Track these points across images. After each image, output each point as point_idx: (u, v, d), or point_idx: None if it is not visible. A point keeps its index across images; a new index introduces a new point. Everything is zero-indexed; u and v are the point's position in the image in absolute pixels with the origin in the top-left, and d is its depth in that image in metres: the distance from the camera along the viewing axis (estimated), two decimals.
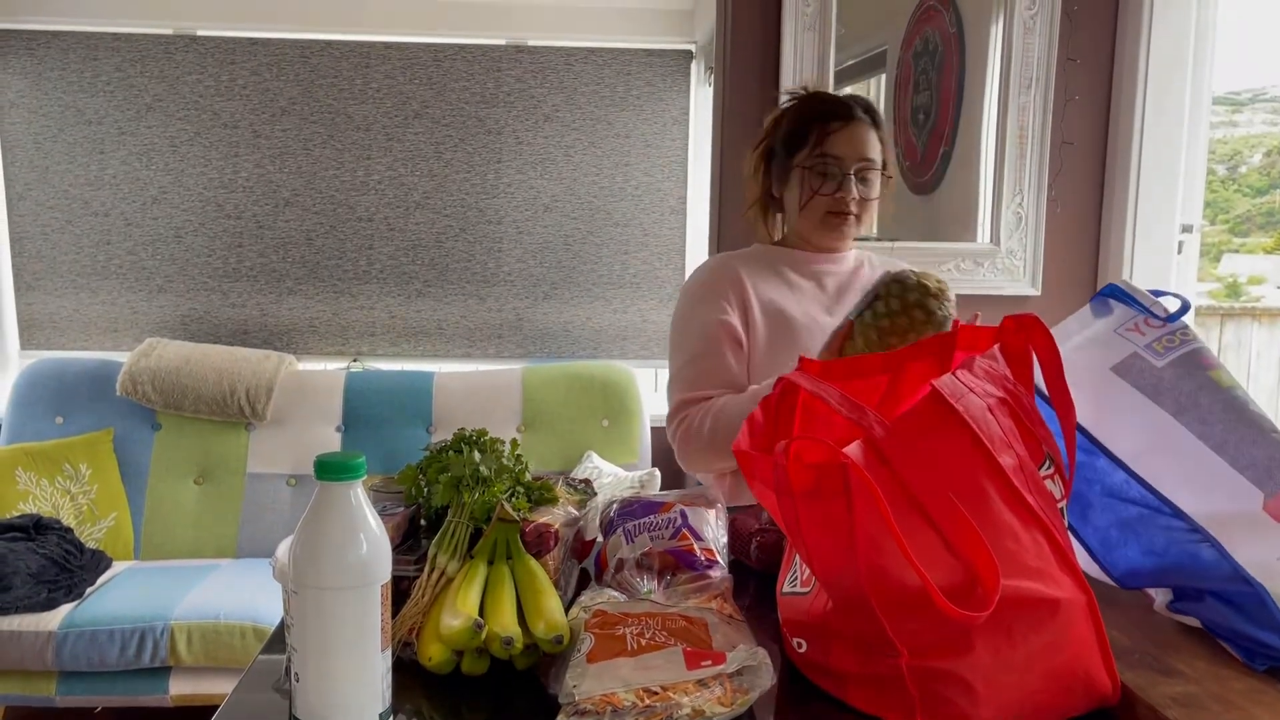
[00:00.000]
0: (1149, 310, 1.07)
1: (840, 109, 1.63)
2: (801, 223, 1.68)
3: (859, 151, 1.62)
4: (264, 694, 0.92)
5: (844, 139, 1.61)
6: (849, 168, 1.61)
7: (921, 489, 0.82)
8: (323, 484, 0.78)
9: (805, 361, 1.06)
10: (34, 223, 3.27)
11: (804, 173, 1.63)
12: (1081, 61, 2.49)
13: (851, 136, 1.62)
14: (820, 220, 1.65)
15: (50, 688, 2.51)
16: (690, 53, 3.30)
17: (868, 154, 1.62)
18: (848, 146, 1.61)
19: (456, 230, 3.35)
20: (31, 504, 2.83)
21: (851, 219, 1.64)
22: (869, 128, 1.63)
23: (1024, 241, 2.52)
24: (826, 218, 1.64)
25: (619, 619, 0.93)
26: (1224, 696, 0.82)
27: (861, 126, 1.63)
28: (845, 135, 1.62)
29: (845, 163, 1.61)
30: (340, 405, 3.12)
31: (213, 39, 3.24)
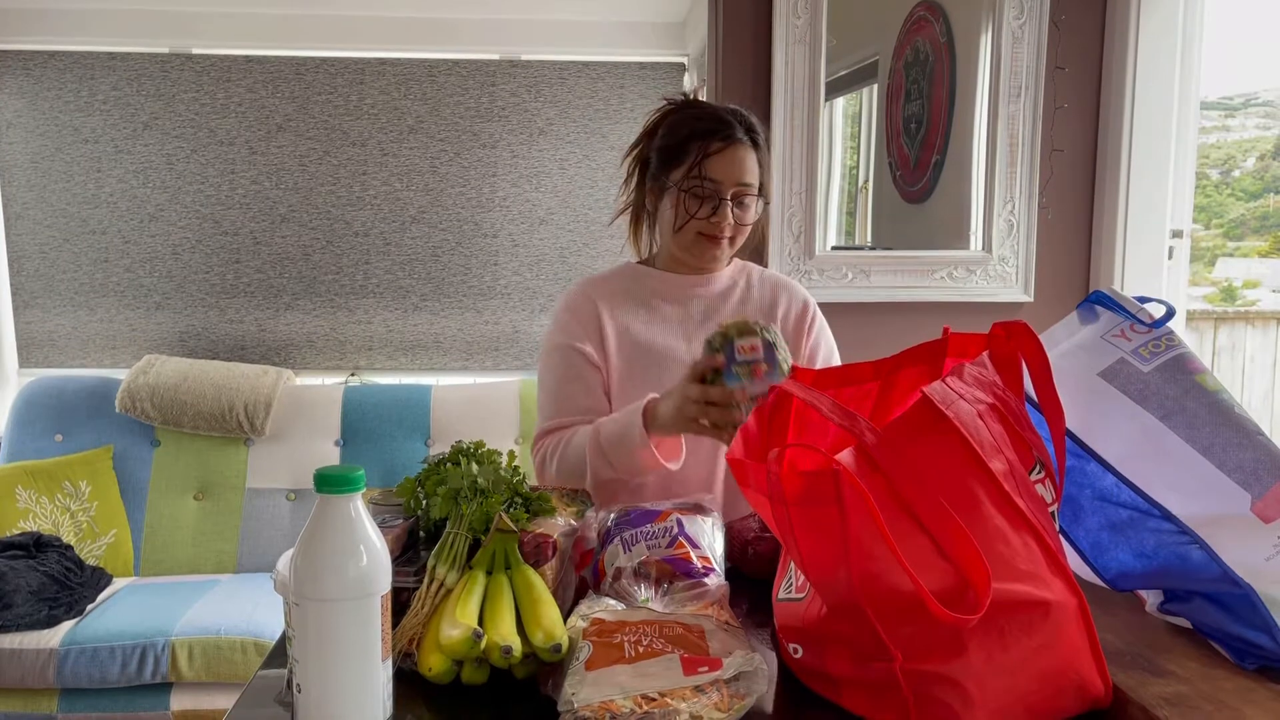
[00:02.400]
0: (1134, 317, 1.09)
1: (722, 128, 1.55)
2: (674, 242, 1.61)
3: (736, 176, 1.54)
4: (265, 708, 0.93)
5: (723, 162, 1.54)
6: (726, 192, 1.54)
7: (913, 495, 0.83)
8: (323, 497, 0.79)
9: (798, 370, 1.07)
10: (32, 241, 3.28)
11: (679, 194, 1.56)
12: (1070, 70, 2.51)
13: (731, 159, 1.54)
14: (692, 242, 1.58)
15: (52, 705, 2.51)
16: (683, 65, 3.32)
17: (745, 178, 1.55)
18: (726, 170, 1.54)
19: (453, 244, 3.36)
20: (32, 522, 2.83)
21: (724, 243, 1.58)
22: (749, 149, 1.56)
23: (1016, 248, 2.54)
24: (698, 239, 1.57)
25: (616, 627, 0.94)
26: (1215, 696, 0.84)
27: (742, 149, 1.55)
28: (725, 158, 1.54)
29: (723, 187, 1.54)
30: (338, 419, 3.13)
31: (208, 57, 3.26)
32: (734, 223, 1.56)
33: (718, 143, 1.54)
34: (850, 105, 2.69)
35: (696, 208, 1.55)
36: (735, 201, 1.55)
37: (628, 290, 1.66)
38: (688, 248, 1.60)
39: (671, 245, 1.62)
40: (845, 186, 2.73)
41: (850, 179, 2.73)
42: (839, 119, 2.65)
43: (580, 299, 1.65)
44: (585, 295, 1.65)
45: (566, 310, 1.65)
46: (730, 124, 1.56)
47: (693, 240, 1.58)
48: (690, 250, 1.60)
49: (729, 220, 1.55)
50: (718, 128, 1.55)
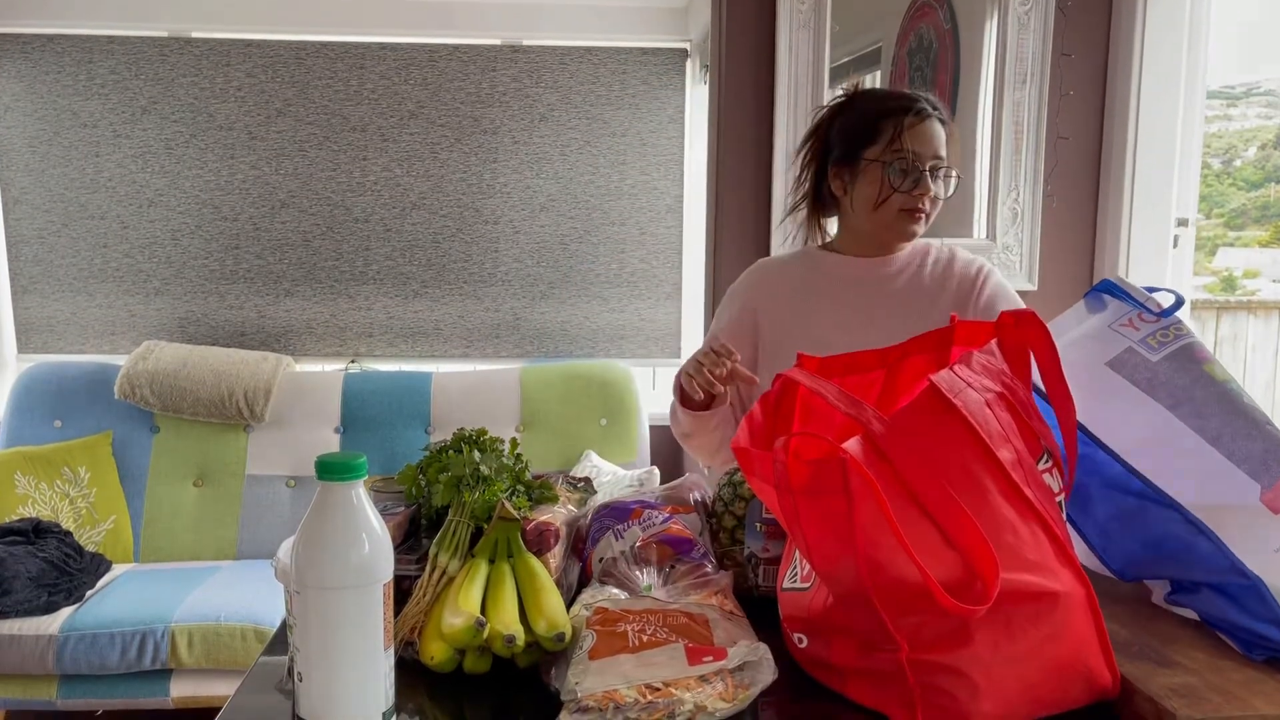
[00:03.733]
0: (1142, 306, 1.08)
1: (914, 104, 1.58)
2: (872, 220, 1.61)
3: (934, 149, 1.56)
4: (267, 695, 0.92)
5: (921, 134, 1.56)
6: (925, 164, 1.56)
7: (920, 484, 0.83)
8: (324, 484, 0.79)
9: (803, 358, 1.06)
10: (30, 226, 3.27)
11: (881, 168, 1.56)
12: (1076, 56, 2.49)
13: (927, 133, 1.56)
14: (894, 218, 1.59)
15: (51, 691, 2.51)
16: (685, 51, 3.30)
17: (941, 151, 1.57)
18: (924, 142, 1.56)
19: (453, 230, 3.35)
20: (31, 508, 2.83)
21: (923, 218, 1.59)
22: (940, 124, 1.58)
23: (1020, 236, 2.53)
24: (900, 216, 1.58)
25: (620, 616, 0.93)
26: (1223, 687, 0.83)
27: (934, 123, 1.57)
28: (921, 131, 1.56)
29: (922, 159, 1.55)
30: (339, 406, 3.12)
31: (207, 41, 3.23)
32: (934, 195, 1.58)
33: (912, 117, 1.56)
34: None
35: (900, 181, 1.56)
36: (933, 174, 1.57)
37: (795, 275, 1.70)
38: (889, 224, 1.60)
39: (869, 224, 1.63)
40: None
41: None
42: None
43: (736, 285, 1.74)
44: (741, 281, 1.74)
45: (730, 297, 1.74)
46: (920, 100, 1.59)
47: (895, 216, 1.59)
48: (892, 227, 1.61)
49: (931, 192, 1.57)
50: (909, 104, 1.58)
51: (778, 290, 1.69)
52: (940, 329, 1.06)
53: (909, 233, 1.61)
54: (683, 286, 3.39)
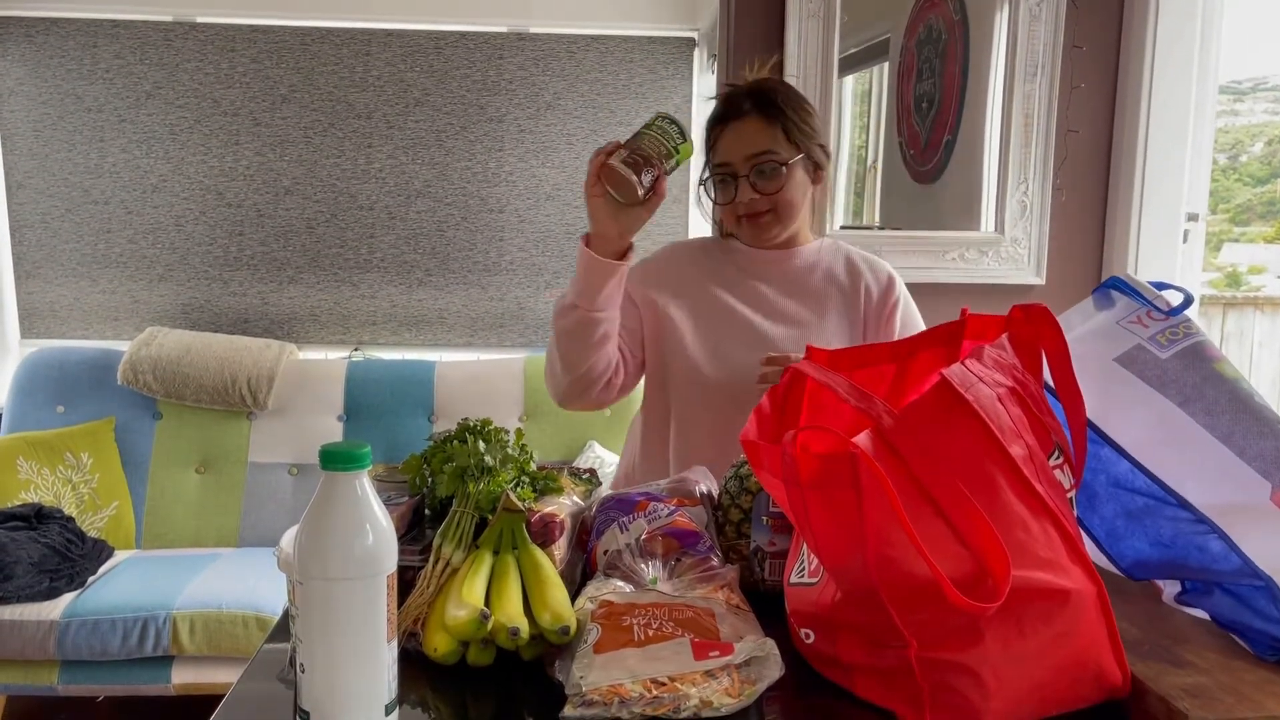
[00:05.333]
0: (1151, 303, 1.06)
1: (727, 109, 1.54)
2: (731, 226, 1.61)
3: (745, 149, 1.51)
4: (269, 684, 0.92)
5: (730, 140, 1.53)
6: (742, 169, 1.51)
7: (931, 479, 0.82)
8: (328, 474, 0.78)
9: (812, 350, 1.05)
10: (34, 211, 3.26)
11: (709, 185, 1.58)
12: (1087, 49, 2.47)
13: (737, 135, 1.52)
14: (737, 226, 1.58)
15: (52, 677, 2.51)
16: (693, 40, 3.28)
17: (754, 149, 1.51)
18: (733, 147, 1.52)
19: (458, 219, 3.34)
20: (33, 493, 2.82)
21: (764, 218, 1.54)
22: (758, 119, 1.52)
23: (1028, 230, 2.51)
24: (741, 223, 1.56)
25: (626, 609, 0.92)
26: (1235, 688, 0.82)
27: (747, 122, 1.52)
28: (731, 136, 1.53)
29: (735, 166, 1.52)
30: (342, 394, 3.11)
31: (212, 26, 3.22)
32: (762, 195, 1.52)
33: (719, 127, 1.55)
34: (859, 84, 2.65)
35: (720, 194, 1.55)
36: (757, 173, 1.51)
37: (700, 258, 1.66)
38: (740, 232, 1.60)
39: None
40: (853, 166, 2.70)
41: (858, 159, 2.70)
42: (848, 98, 2.62)
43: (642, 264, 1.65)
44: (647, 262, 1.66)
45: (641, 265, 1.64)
46: (735, 100, 1.54)
47: (737, 224, 1.58)
48: (742, 234, 1.60)
49: (746, 198, 1.52)
50: (723, 109, 1.55)
51: (683, 270, 1.65)
52: (951, 322, 1.05)
53: (760, 238, 1.59)
54: None
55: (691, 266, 1.66)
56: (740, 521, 1.14)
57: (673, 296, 1.62)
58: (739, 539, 1.13)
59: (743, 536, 1.13)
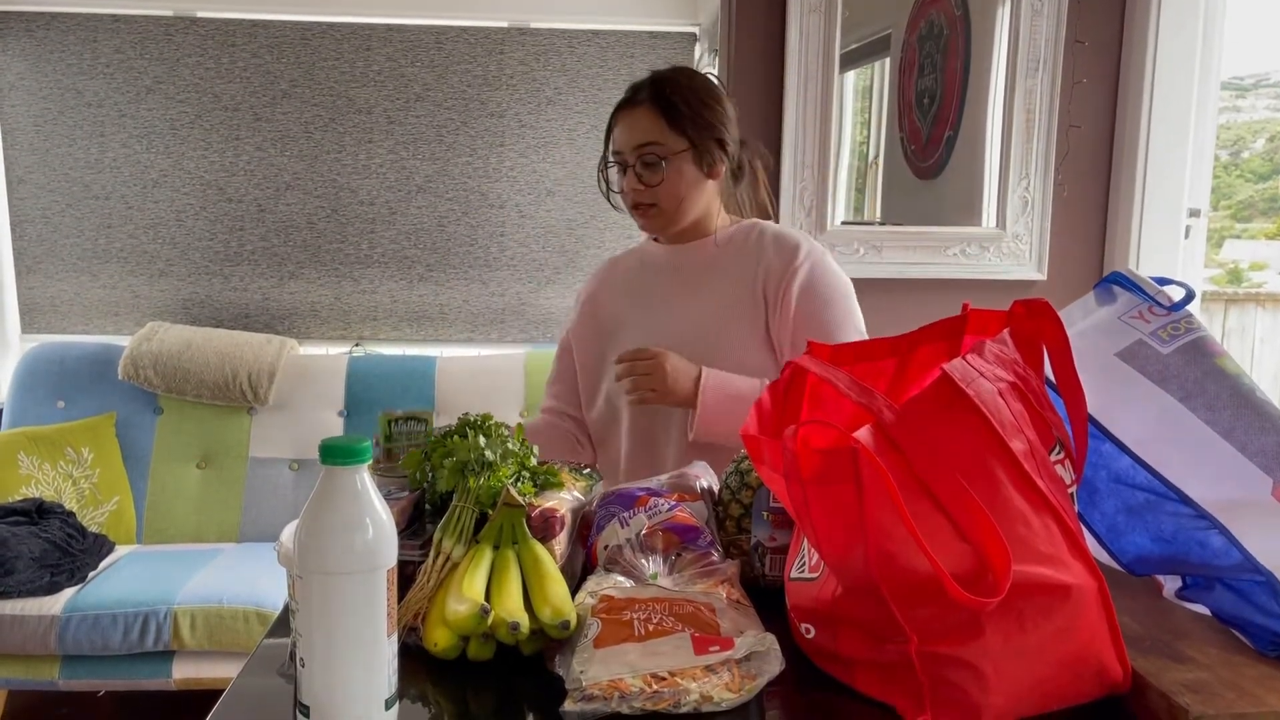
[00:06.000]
0: (1153, 299, 1.06)
1: (624, 97, 1.55)
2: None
3: (630, 139, 1.52)
4: (269, 679, 0.91)
5: (622, 130, 1.54)
6: (630, 159, 1.53)
7: (932, 474, 0.81)
8: (328, 468, 0.78)
9: (813, 345, 1.05)
10: (34, 206, 3.26)
11: (605, 173, 1.60)
12: (1090, 44, 2.47)
13: (629, 125, 1.53)
14: (633, 216, 1.59)
15: (53, 671, 2.51)
16: (694, 35, 3.28)
17: (639, 139, 1.51)
18: (624, 136, 1.53)
19: (459, 214, 3.34)
20: (34, 488, 2.82)
21: (650, 209, 1.55)
22: (649, 109, 1.51)
23: (1030, 226, 2.51)
24: (633, 212, 1.58)
25: (626, 604, 0.92)
26: (1236, 683, 0.82)
27: (639, 111, 1.52)
28: (623, 125, 1.54)
29: (625, 155, 1.54)
30: (342, 389, 3.11)
31: (213, 21, 3.21)
32: (644, 186, 1.53)
33: (615, 114, 1.55)
34: (861, 79, 2.65)
35: (610, 183, 1.58)
36: (642, 163, 1.52)
37: (630, 268, 1.71)
38: (636, 220, 1.61)
39: None
40: (854, 162, 2.70)
41: (859, 154, 2.69)
42: (849, 93, 2.61)
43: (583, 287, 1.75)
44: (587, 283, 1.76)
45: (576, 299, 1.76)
46: (636, 88, 1.55)
47: (632, 214, 1.59)
48: (639, 222, 1.61)
49: (630, 186, 1.54)
50: (625, 96, 1.56)
51: (616, 285, 1.70)
52: (952, 317, 1.05)
53: (650, 228, 1.61)
54: None
55: (623, 277, 1.70)
56: (741, 516, 1.13)
57: (600, 314, 1.68)
58: (739, 534, 1.13)
59: (743, 531, 1.13)
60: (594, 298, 1.70)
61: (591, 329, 1.67)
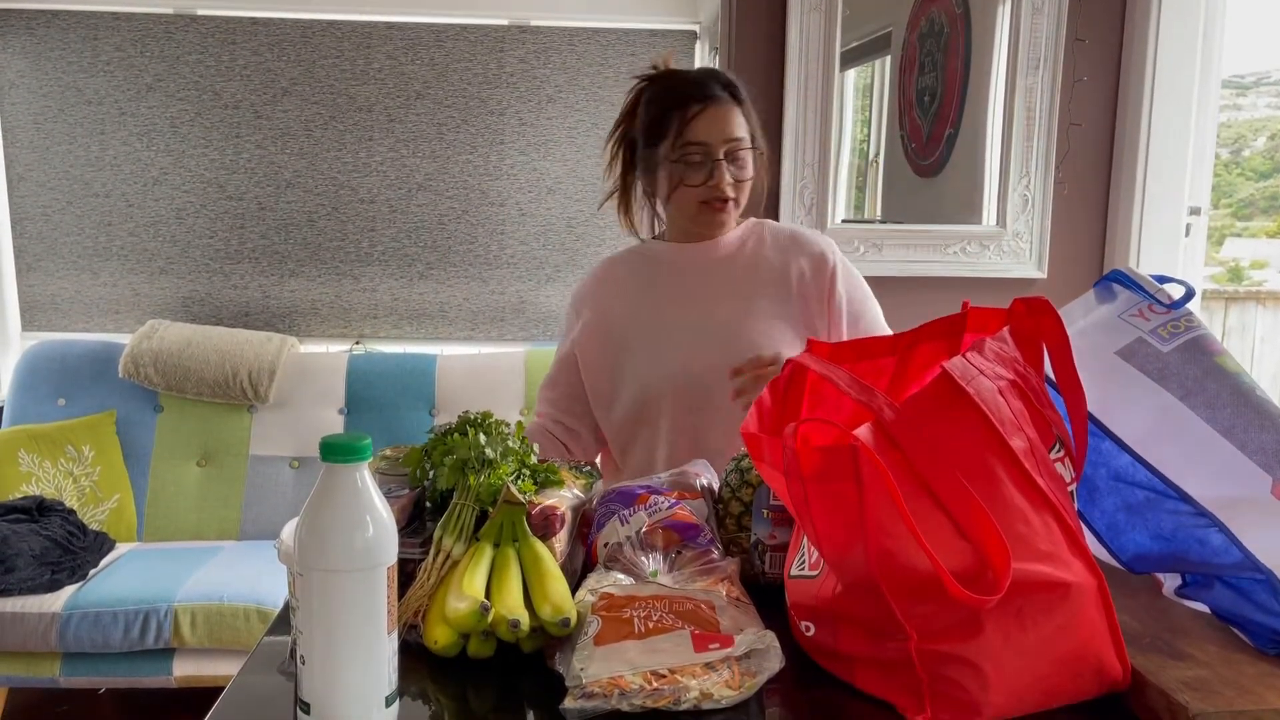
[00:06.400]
0: (1153, 297, 1.06)
1: (697, 90, 1.53)
2: (678, 215, 1.60)
3: (724, 133, 1.51)
4: (269, 676, 0.92)
5: (706, 122, 1.51)
6: (717, 152, 1.51)
7: (932, 472, 0.82)
8: (329, 466, 0.78)
9: (813, 343, 1.05)
10: (35, 204, 3.26)
11: (670, 166, 1.54)
12: (1090, 42, 2.47)
13: (714, 118, 1.51)
14: (697, 211, 1.56)
15: (54, 669, 2.51)
16: (695, 33, 3.28)
17: (733, 133, 1.52)
18: (711, 130, 1.51)
19: (459, 212, 3.34)
20: (34, 486, 2.83)
21: (729, 205, 1.55)
22: (731, 105, 1.53)
23: (1030, 224, 2.51)
24: (702, 208, 1.55)
25: (626, 602, 0.92)
26: (1236, 681, 0.82)
27: (723, 105, 1.52)
28: (707, 118, 1.51)
29: (712, 148, 1.51)
30: (343, 387, 3.11)
31: (213, 19, 3.21)
32: (734, 181, 1.53)
33: (695, 105, 1.51)
34: (861, 78, 2.65)
35: (692, 176, 1.53)
36: (730, 159, 1.52)
37: (635, 270, 1.67)
38: (693, 218, 1.58)
39: (679, 217, 1.61)
40: (854, 160, 2.70)
41: (860, 153, 2.69)
42: (849, 91, 2.61)
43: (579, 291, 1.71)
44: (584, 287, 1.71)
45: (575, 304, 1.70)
46: (705, 84, 1.54)
47: (697, 210, 1.56)
48: (696, 220, 1.58)
49: (727, 180, 1.52)
50: (693, 91, 1.53)
51: (622, 288, 1.66)
52: (952, 315, 1.05)
53: (715, 223, 1.58)
54: None
55: (627, 279, 1.67)
56: (741, 514, 1.14)
57: (610, 318, 1.64)
58: (739, 532, 1.13)
59: (743, 529, 1.13)
60: (597, 303, 1.67)
61: (600, 334, 1.64)
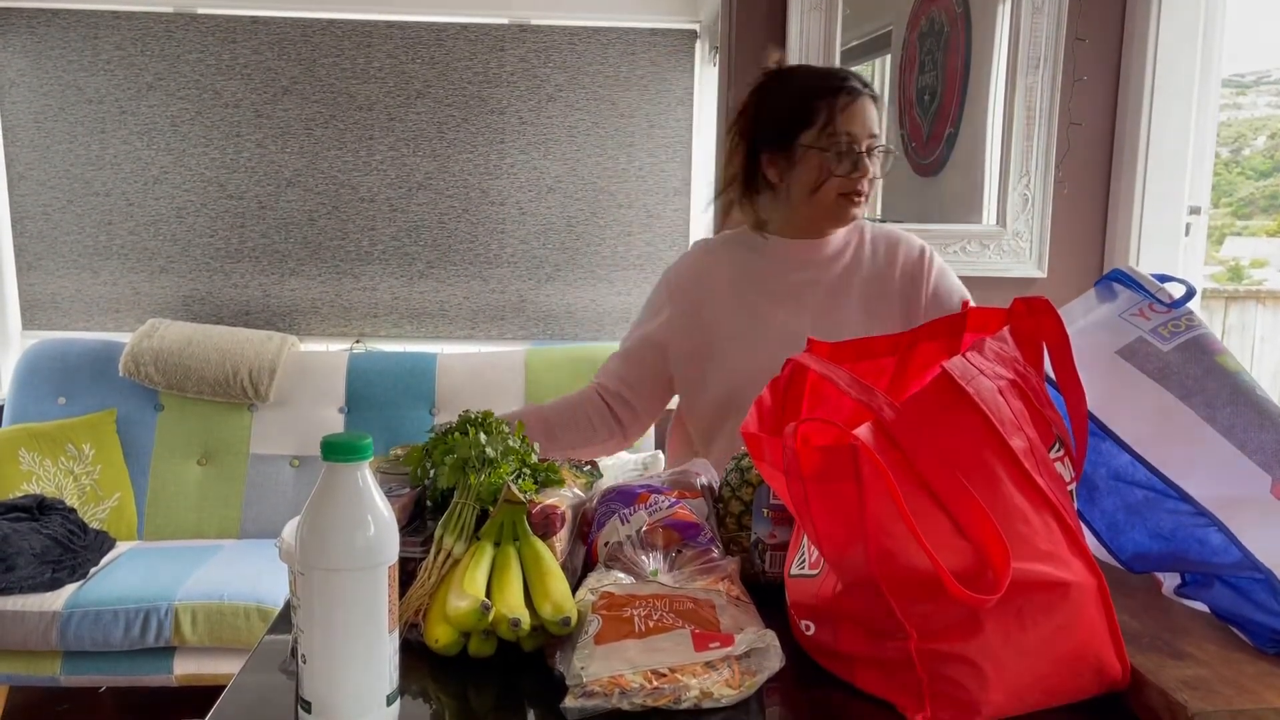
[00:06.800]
0: (1154, 296, 1.06)
1: (845, 83, 1.54)
2: (810, 205, 1.57)
3: (869, 128, 1.53)
4: (270, 675, 0.92)
5: (855, 114, 1.52)
6: (862, 145, 1.52)
7: (932, 471, 0.82)
8: (330, 465, 0.78)
9: (813, 343, 1.05)
10: (35, 202, 3.26)
11: (816, 154, 1.52)
12: (1090, 41, 2.47)
13: (862, 112, 1.53)
14: (833, 203, 1.55)
15: (54, 668, 2.52)
16: (695, 32, 3.28)
17: (875, 129, 1.54)
18: (859, 122, 1.52)
19: (459, 211, 3.34)
20: (35, 484, 2.83)
21: (862, 199, 1.56)
22: (872, 102, 1.55)
23: (1030, 223, 2.51)
24: (839, 200, 1.54)
25: (626, 601, 0.92)
26: (1235, 680, 0.82)
27: (867, 101, 1.54)
28: (855, 112, 1.52)
29: (858, 140, 1.52)
30: (343, 386, 3.11)
31: (214, 17, 3.21)
32: (872, 176, 1.55)
33: (845, 97, 1.52)
34: None
35: (839, 165, 1.52)
36: (868, 155, 1.53)
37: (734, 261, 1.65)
38: (829, 209, 1.57)
39: (805, 208, 1.58)
40: None
41: None
42: None
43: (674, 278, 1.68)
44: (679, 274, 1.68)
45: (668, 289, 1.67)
46: (850, 78, 1.55)
47: (834, 201, 1.55)
48: (831, 211, 1.57)
49: (869, 173, 1.53)
50: (840, 83, 1.54)
51: (719, 279, 1.64)
52: (952, 315, 1.05)
53: (849, 216, 1.58)
54: None
55: (725, 270, 1.64)
56: (741, 514, 1.14)
57: (705, 309, 1.62)
58: (739, 531, 1.14)
59: (743, 529, 1.13)
60: (692, 293, 1.64)
61: (693, 324, 1.62)
